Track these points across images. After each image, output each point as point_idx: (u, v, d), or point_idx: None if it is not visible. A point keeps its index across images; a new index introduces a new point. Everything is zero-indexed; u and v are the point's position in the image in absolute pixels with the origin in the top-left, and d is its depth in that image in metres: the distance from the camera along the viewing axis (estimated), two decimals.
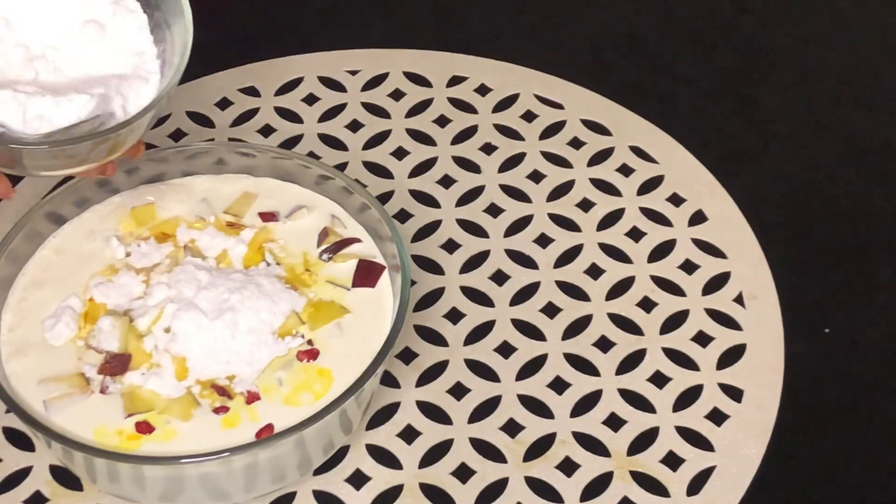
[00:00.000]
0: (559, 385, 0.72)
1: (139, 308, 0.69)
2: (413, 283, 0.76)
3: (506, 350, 0.74)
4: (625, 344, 0.74)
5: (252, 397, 0.65)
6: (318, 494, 0.68)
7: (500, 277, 0.78)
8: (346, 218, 0.74)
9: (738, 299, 0.76)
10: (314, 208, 0.74)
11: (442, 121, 0.88)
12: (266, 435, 0.63)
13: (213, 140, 0.86)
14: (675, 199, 0.82)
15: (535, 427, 0.70)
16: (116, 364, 0.67)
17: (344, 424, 0.67)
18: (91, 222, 0.74)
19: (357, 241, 0.73)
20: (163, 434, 0.64)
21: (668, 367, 0.73)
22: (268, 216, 0.74)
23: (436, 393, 0.72)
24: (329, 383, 0.66)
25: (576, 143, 0.86)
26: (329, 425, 0.64)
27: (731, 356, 0.74)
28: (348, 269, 0.71)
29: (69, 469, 0.67)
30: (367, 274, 0.71)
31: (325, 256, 0.72)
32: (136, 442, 0.64)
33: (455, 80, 0.91)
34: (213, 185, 0.76)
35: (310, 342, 0.68)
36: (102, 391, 0.66)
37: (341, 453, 0.69)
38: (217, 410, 0.65)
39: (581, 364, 0.73)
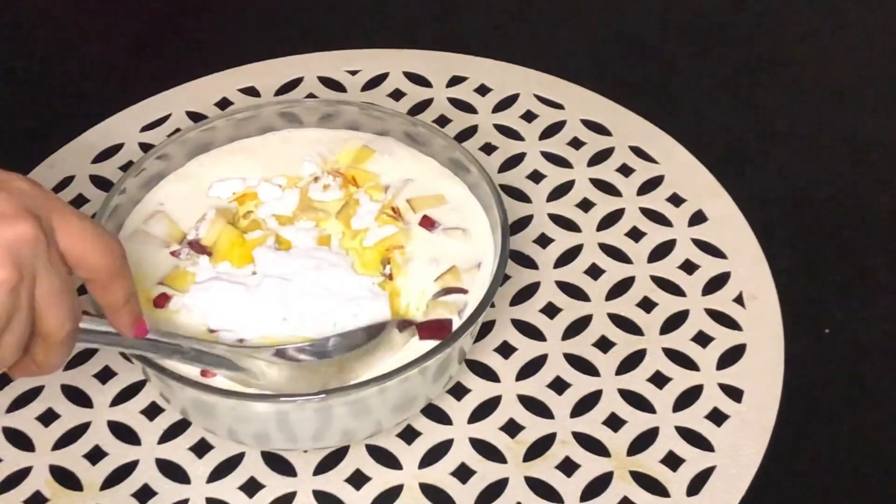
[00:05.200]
0: (559, 385, 0.72)
1: (268, 224, 0.73)
2: None
3: (506, 350, 0.74)
4: (625, 344, 0.74)
5: None
6: (317, 494, 0.68)
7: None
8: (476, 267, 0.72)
9: (738, 299, 0.76)
10: (472, 240, 0.73)
11: (442, 121, 0.88)
12: None
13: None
14: (675, 199, 0.82)
15: (535, 427, 0.70)
16: (199, 250, 0.71)
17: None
18: (321, 135, 0.79)
19: (464, 291, 0.70)
20: (168, 312, 0.69)
21: (668, 367, 0.73)
22: (429, 221, 0.74)
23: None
24: None
25: (576, 143, 0.86)
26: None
27: (731, 356, 0.74)
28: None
29: None
30: (436, 328, 0.68)
31: (434, 295, 0.70)
32: (156, 310, 0.69)
33: (455, 80, 0.91)
34: (423, 168, 0.77)
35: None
36: (174, 254, 0.71)
37: (341, 453, 0.69)
38: None
39: (581, 364, 0.73)
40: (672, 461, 0.69)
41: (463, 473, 0.69)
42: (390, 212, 0.74)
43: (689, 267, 0.78)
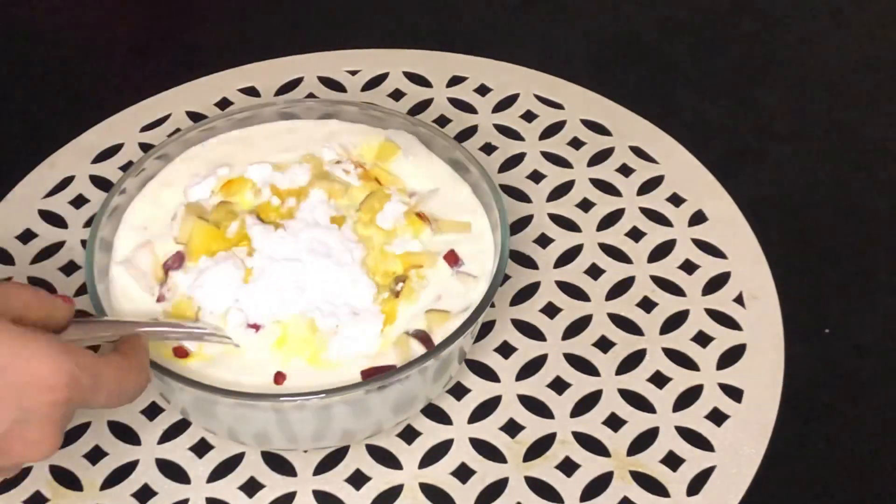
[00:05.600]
0: (559, 385, 0.72)
1: (255, 207, 0.72)
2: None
3: (506, 350, 0.74)
4: (625, 344, 0.74)
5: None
6: (317, 494, 0.68)
7: None
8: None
9: (738, 299, 0.76)
10: (478, 288, 0.70)
11: (442, 121, 0.88)
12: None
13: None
14: (675, 199, 0.82)
15: (535, 427, 0.70)
16: (173, 262, 0.70)
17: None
18: (342, 126, 0.78)
19: (431, 347, 0.67)
20: (199, 356, 0.67)
21: (668, 367, 0.73)
22: (453, 258, 0.71)
23: None
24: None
25: (576, 143, 0.86)
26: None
27: (731, 356, 0.74)
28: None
29: None
30: (374, 371, 0.67)
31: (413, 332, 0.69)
32: (181, 361, 0.66)
33: (455, 80, 0.91)
34: (440, 172, 0.76)
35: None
36: (159, 299, 0.69)
37: (341, 453, 0.69)
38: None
39: (581, 364, 0.73)
40: (672, 461, 0.69)
41: (463, 473, 0.69)
42: (414, 217, 0.72)
43: (689, 267, 0.78)
